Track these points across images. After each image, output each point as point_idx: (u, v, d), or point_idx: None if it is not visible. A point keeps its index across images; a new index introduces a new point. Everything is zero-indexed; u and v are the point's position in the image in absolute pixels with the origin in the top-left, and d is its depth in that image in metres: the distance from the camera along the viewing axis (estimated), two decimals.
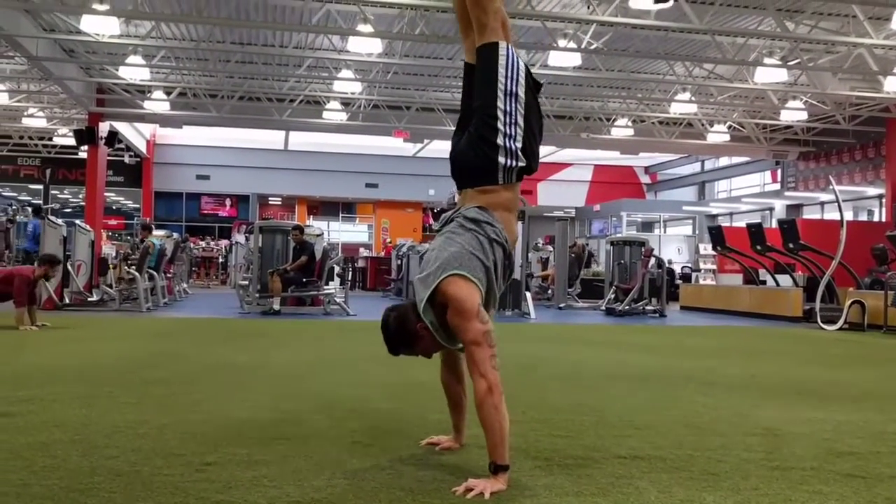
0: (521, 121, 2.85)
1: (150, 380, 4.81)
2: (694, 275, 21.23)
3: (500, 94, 2.82)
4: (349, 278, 21.47)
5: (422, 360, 3.00)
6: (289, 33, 15.57)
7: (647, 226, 28.56)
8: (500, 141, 2.81)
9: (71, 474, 2.67)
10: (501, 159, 2.82)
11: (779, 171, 24.27)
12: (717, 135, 21.46)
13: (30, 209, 17.61)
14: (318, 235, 13.77)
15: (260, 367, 5.56)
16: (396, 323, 2.83)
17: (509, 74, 2.84)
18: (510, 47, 2.90)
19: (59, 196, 28.83)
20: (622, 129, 21.25)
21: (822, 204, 22.06)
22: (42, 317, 8.49)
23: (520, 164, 2.85)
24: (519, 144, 2.83)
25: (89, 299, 11.68)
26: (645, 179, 31.90)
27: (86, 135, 19.55)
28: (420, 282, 2.79)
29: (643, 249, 14.43)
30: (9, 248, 16.15)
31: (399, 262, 18.16)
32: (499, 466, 2.62)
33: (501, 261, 2.87)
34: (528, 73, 2.92)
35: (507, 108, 2.82)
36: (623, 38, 14.57)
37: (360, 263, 24.35)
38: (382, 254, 25.15)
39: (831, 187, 13.05)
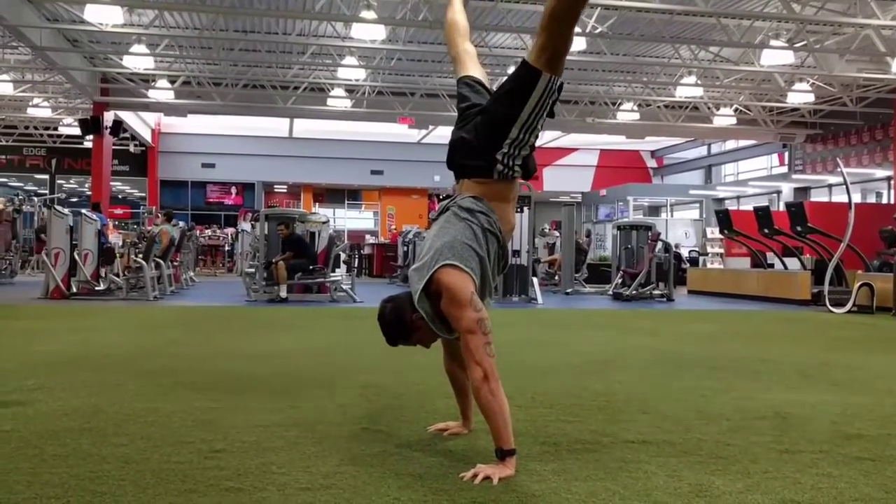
0: (530, 143, 2.86)
1: (157, 368, 4.83)
2: (701, 259, 21.16)
3: (519, 123, 2.81)
4: (355, 265, 21.53)
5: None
6: (292, 21, 15.52)
7: (654, 210, 28.51)
8: (500, 155, 2.84)
9: (81, 462, 2.69)
10: (500, 167, 2.86)
11: (786, 154, 24.14)
12: (724, 118, 21.33)
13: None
14: (323, 223, 13.75)
15: (267, 355, 5.57)
16: (393, 314, 2.87)
17: (536, 111, 2.80)
18: (554, 79, 2.75)
19: (66, 185, 28.89)
20: (628, 114, 21.15)
21: (830, 186, 21.96)
22: (50, 306, 8.52)
23: (515, 175, 2.90)
24: (519, 162, 2.87)
25: (96, 288, 11.71)
26: (651, 164, 31.77)
27: (91, 124, 19.56)
28: (415, 272, 2.82)
29: (650, 234, 14.38)
30: (15, 238, 16.21)
31: (405, 248, 18.16)
32: (505, 451, 2.63)
33: (495, 251, 2.90)
34: (556, 101, 2.88)
35: (520, 137, 2.83)
36: (628, 21, 14.47)
37: (366, 250, 24.38)
38: (388, 240, 25.15)
39: (839, 170, 12.98)
